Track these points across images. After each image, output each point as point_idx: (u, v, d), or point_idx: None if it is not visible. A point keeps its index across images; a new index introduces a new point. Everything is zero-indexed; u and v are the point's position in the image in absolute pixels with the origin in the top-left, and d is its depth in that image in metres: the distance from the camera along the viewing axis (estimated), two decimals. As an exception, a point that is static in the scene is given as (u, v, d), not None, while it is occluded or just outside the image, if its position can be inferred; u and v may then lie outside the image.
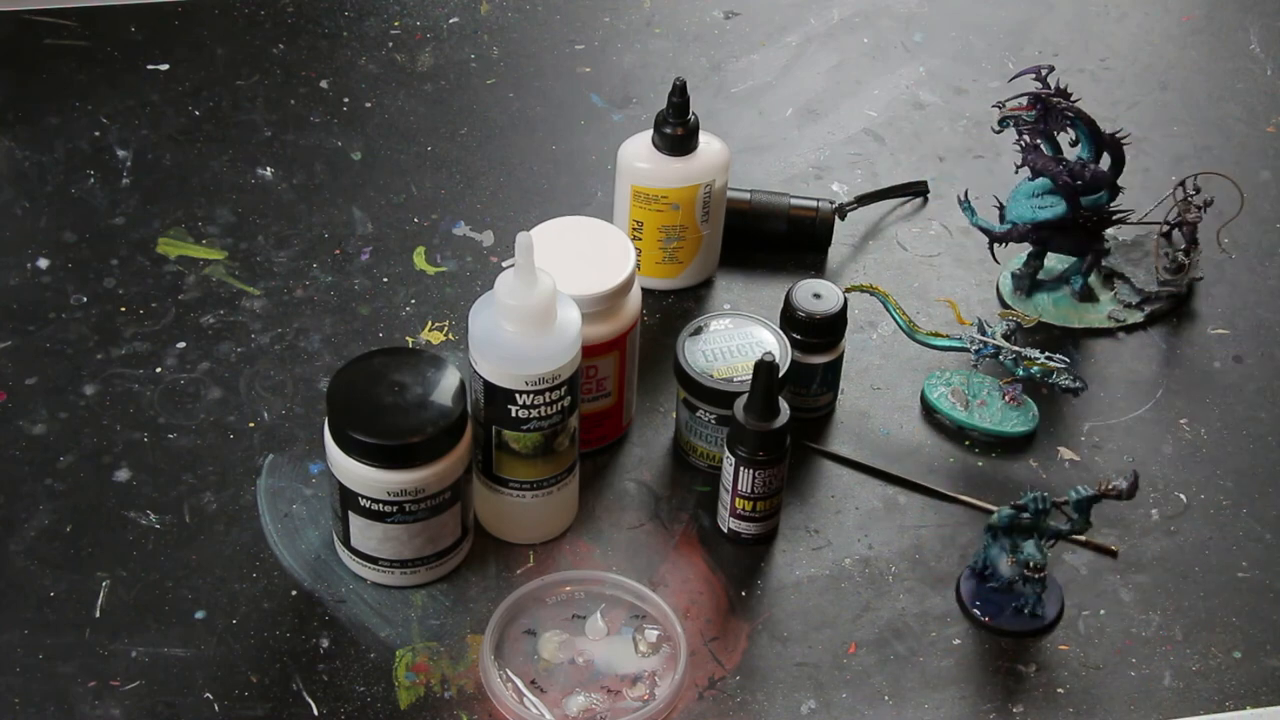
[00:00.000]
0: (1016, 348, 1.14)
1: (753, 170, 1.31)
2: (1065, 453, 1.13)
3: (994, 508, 1.06)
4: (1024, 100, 1.16)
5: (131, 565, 1.03)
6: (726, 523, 1.06)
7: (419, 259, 1.22)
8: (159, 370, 1.14)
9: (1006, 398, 1.14)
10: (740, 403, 1.02)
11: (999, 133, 1.18)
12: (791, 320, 1.10)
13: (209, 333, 1.16)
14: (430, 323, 1.18)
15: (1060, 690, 1.00)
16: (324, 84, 1.35)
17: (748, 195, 1.24)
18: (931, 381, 1.15)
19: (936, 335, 1.16)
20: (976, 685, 1.00)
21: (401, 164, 1.30)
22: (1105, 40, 1.46)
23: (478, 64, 1.39)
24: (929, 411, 1.15)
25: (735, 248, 1.24)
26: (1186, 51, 1.45)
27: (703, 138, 1.17)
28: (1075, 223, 1.18)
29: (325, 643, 1.00)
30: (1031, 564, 1.00)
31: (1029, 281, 1.22)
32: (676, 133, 1.15)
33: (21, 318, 1.16)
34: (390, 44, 1.39)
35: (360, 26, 1.41)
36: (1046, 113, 1.15)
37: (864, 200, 1.27)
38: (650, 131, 1.17)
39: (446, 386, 0.98)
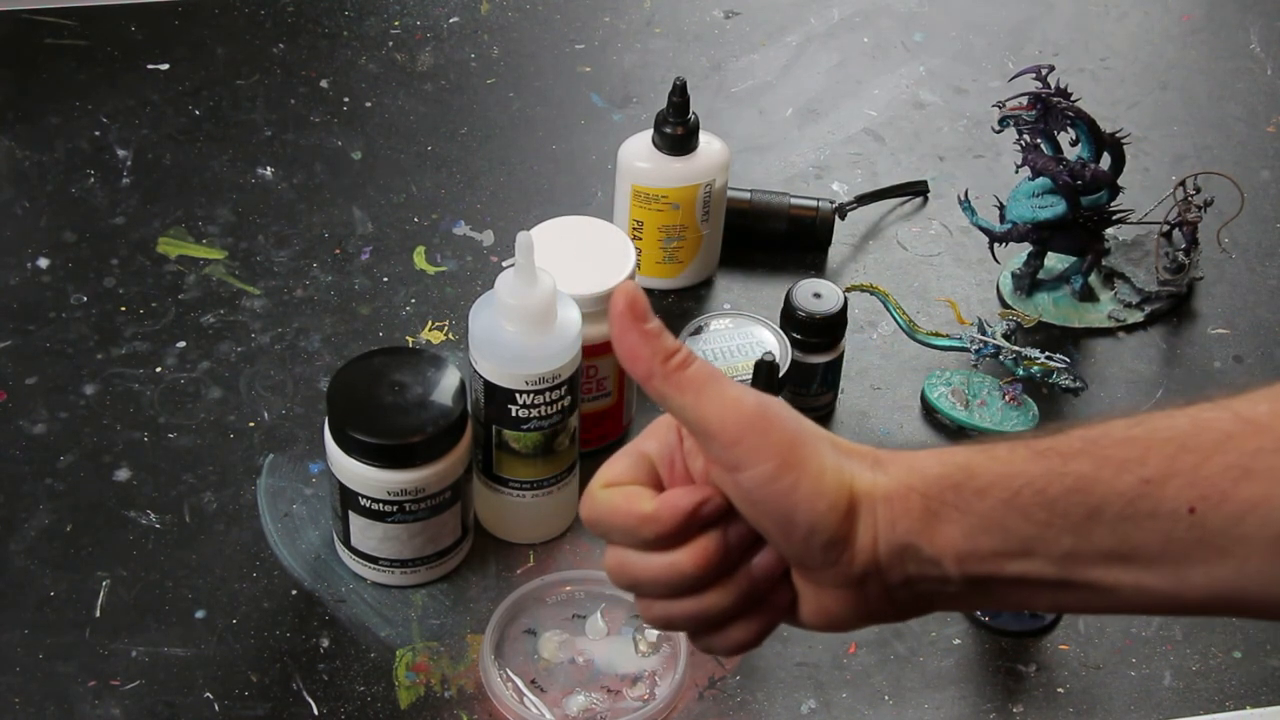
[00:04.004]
0: (1017, 347, 1.14)
1: (753, 170, 1.31)
2: (1065, 452, 1.13)
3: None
4: (1024, 100, 1.16)
5: (131, 565, 1.03)
6: (726, 522, 1.06)
7: (419, 259, 1.22)
8: (159, 370, 1.14)
9: (1007, 397, 1.14)
10: (740, 402, 1.02)
11: (999, 132, 1.18)
12: (792, 320, 1.10)
13: (209, 332, 1.16)
14: (430, 322, 1.18)
15: (1060, 690, 1.00)
16: (324, 84, 1.35)
17: (748, 195, 1.24)
18: (931, 381, 1.15)
19: (936, 335, 1.16)
20: (976, 685, 1.00)
21: (401, 164, 1.30)
22: (1105, 40, 1.46)
23: (478, 64, 1.39)
24: (929, 411, 1.15)
25: (735, 247, 1.24)
26: (1186, 51, 1.45)
27: (703, 137, 1.17)
28: (1075, 222, 1.18)
29: (325, 642, 1.00)
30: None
31: (1029, 281, 1.22)
32: (676, 132, 1.15)
33: (21, 318, 1.16)
34: (390, 44, 1.39)
35: (360, 26, 1.41)
36: (1046, 112, 1.15)
37: (864, 200, 1.27)
38: (650, 131, 1.17)
39: (446, 386, 0.98)
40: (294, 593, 1.02)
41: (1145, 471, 0.64)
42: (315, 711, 0.96)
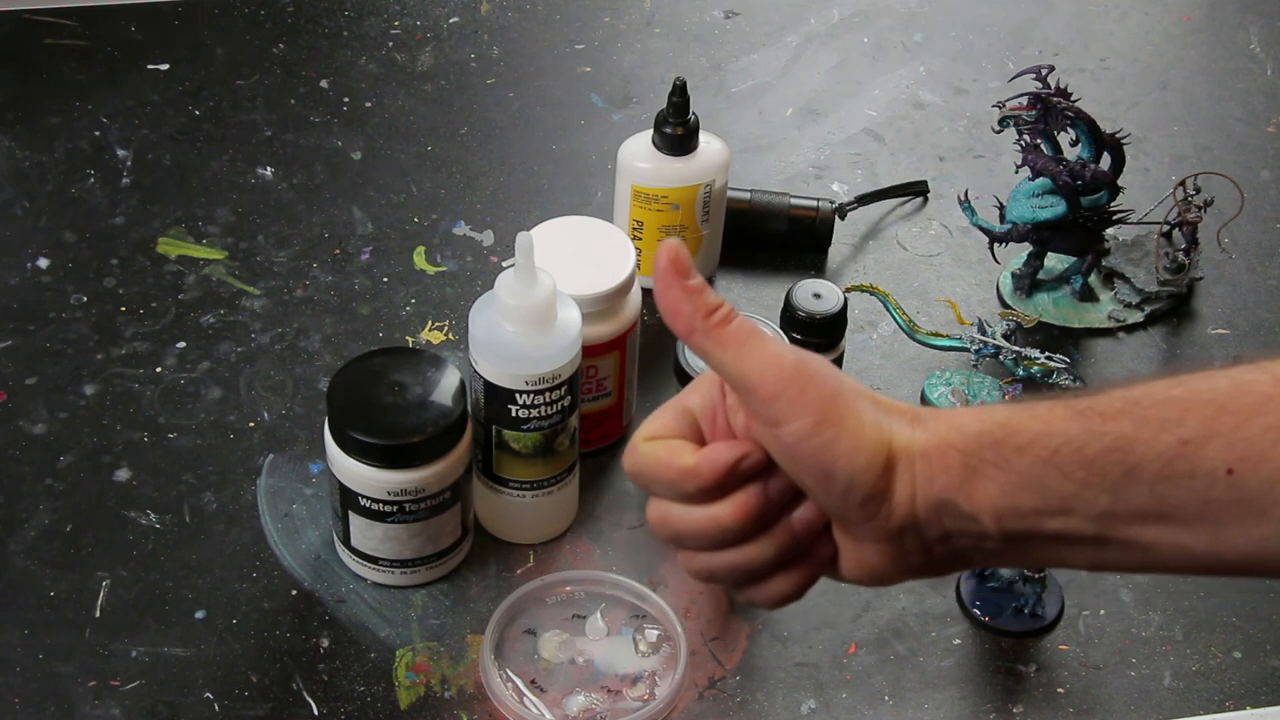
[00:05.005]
0: (1016, 347, 1.14)
1: (753, 170, 1.31)
2: (1065, 453, 1.13)
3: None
4: (1024, 100, 1.16)
5: (131, 565, 1.03)
6: (726, 522, 1.06)
7: (419, 259, 1.22)
8: (159, 370, 1.14)
9: (1006, 398, 1.14)
10: (740, 402, 1.02)
11: (999, 133, 1.18)
12: (792, 320, 1.10)
13: (209, 332, 1.16)
14: (430, 322, 1.18)
15: (1060, 690, 1.00)
16: (324, 84, 1.35)
17: (748, 195, 1.24)
18: (931, 381, 1.15)
19: (936, 335, 1.16)
20: (976, 685, 1.00)
21: (401, 164, 1.30)
22: (1105, 40, 1.46)
23: (478, 64, 1.39)
24: (929, 411, 1.15)
25: (735, 247, 1.24)
26: (1186, 51, 1.45)
27: (703, 138, 1.17)
28: (1075, 223, 1.18)
29: (325, 642, 1.00)
30: (1031, 564, 1.00)
31: (1029, 281, 1.22)
32: (676, 133, 1.15)
33: (21, 318, 1.16)
34: (390, 44, 1.39)
35: (360, 26, 1.41)
36: (1046, 112, 1.15)
37: (864, 200, 1.27)
38: (650, 131, 1.17)
39: (446, 386, 0.98)
40: (294, 593, 1.02)
41: (1184, 432, 0.65)
42: (315, 711, 0.96)
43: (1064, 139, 1.17)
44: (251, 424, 1.11)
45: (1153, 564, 0.67)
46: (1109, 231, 1.22)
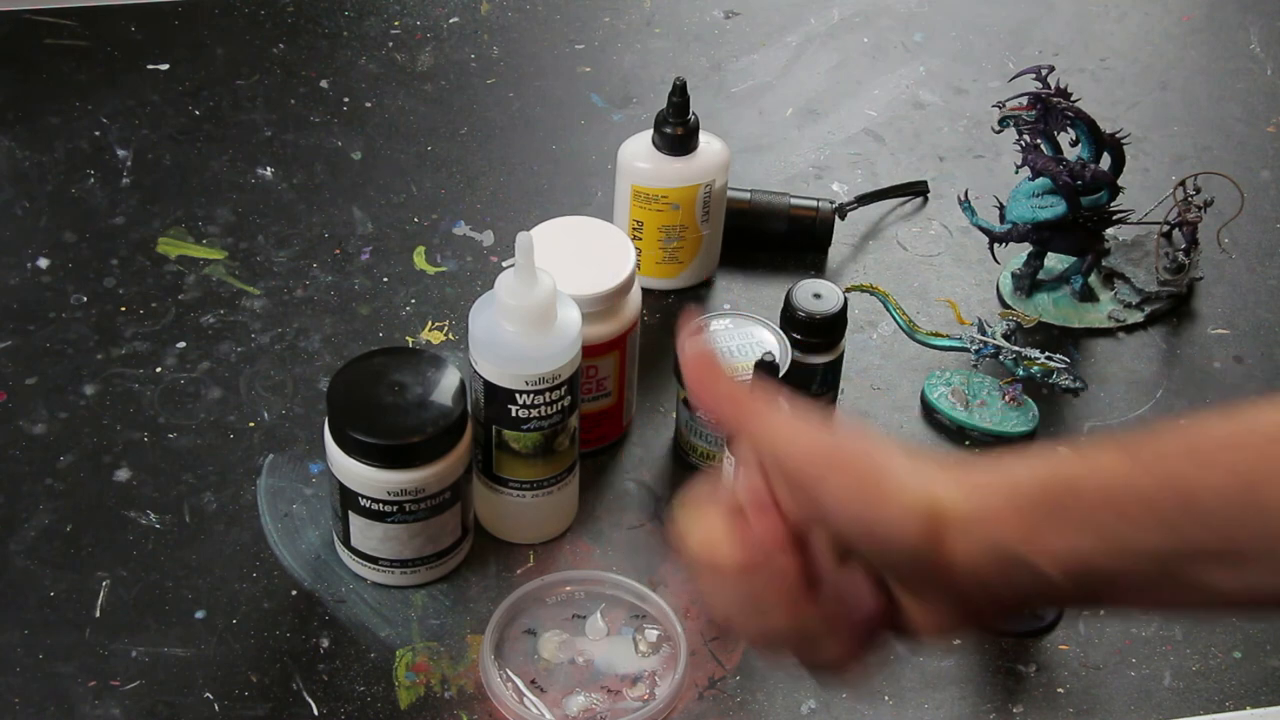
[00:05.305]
0: (1016, 347, 1.14)
1: (753, 170, 1.31)
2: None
3: (994, 508, 1.06)
4: (1024, 100, 1.16)
5: (131, 565, 1.03)
6: (726, 523, 1.06)
7: (419, 259, 1.22)
8: (159, 370, 1.14)
9: (1006, 398, 1.14)
10: (740, 403, 1.02)
11: (999, 133, 1.18)
12: (792, 320, 1.10)
13: (209, 332, 1.16)
14: (430, 322, 1.18)
15: (1060, 690, 1.00)
16: (324, 84, 1.35)
17: (748, 195, 1.24)
18: (931, 381, 1.15)
19: (936, 335, 1.16)
20: (976, 685, 1.00)
21: (401, 164, 1.30)
22: (1105, 40, 1.46)
23: (478, 64, 1.39)
24: (929, 411, 1.15)
25: (735, 248, 1.24)
26: (1186, 51, 1.45)
27: (703, 137, 1.17)
28: (1075, 223, 1.18)
29: (325, 643, 1.00)
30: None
31: (1029, 281, 1.22)
32: (676, 132, 1.15)
33: (21, 318, 1.16)
34: (390, 44, 1.39)
35: (360, 26, 1.41)
36: (1046, 113, 1.15)
37: (864, 200, 1.27)
38: (650, 131, 1.17)
39: (446, 386, 0.98)
40: (294, 593, 1.02)
41: (1242, 468, 0.65)
42: (315, 711, 0.96)
43: (1064, 139, 1.17)
44: (251, 424, 1.11)
45: (1222, 604, 0.67)
46: (1109, 231, 1.22)
